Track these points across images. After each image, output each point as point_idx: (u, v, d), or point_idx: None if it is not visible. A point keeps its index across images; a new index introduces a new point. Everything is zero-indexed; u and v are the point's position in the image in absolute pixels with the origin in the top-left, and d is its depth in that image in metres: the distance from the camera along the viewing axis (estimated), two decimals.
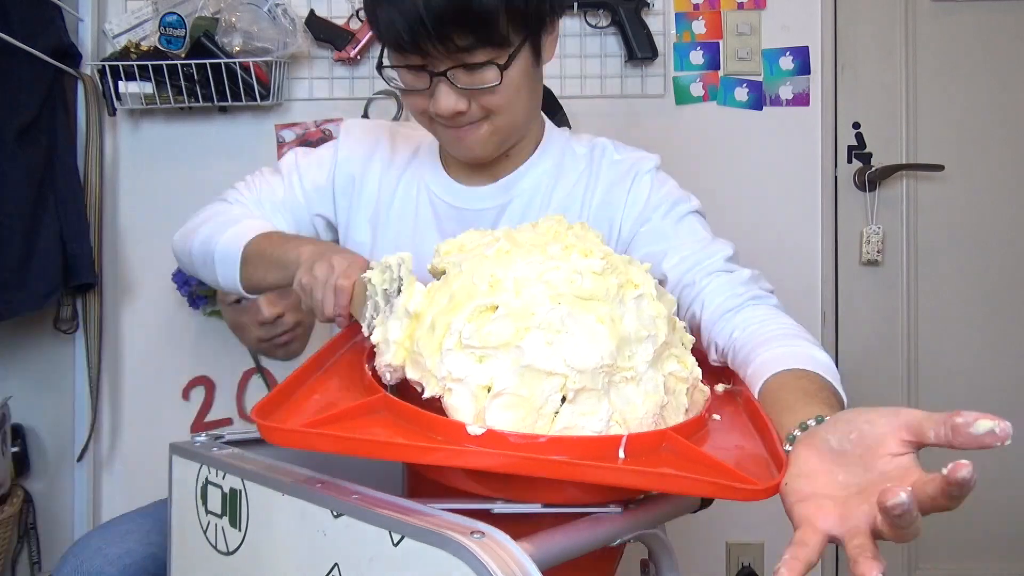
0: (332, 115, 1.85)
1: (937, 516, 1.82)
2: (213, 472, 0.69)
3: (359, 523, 0.56)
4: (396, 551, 0.53)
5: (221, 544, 0.68)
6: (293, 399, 0.67)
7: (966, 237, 1.93)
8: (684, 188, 1.06)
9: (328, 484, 0.61)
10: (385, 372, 0.70)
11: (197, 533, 0.70)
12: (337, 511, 0.58)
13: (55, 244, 1.68)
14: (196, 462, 0.72)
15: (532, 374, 0.61)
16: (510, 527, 0.52)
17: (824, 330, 1.87)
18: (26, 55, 1.60)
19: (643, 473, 0.58)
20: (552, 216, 0.83)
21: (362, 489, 0.60)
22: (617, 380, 0.63)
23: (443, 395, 0.63)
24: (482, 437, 0.58)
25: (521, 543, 0.51)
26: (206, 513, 0.70)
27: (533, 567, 0.49)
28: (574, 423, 0.61)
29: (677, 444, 0.62)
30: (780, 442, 0.62)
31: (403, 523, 0.53)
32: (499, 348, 0.61)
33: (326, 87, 1.85)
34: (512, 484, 0.61)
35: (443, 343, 0.63)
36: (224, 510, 0.68)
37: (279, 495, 0.63)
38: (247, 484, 0.66)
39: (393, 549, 0.53)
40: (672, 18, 1.86)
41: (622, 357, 0.64)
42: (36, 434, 1.78)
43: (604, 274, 0.65)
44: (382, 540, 0.54)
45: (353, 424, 0.62)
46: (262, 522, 0.65)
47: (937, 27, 1.91)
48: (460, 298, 0.65)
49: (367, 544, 0.55)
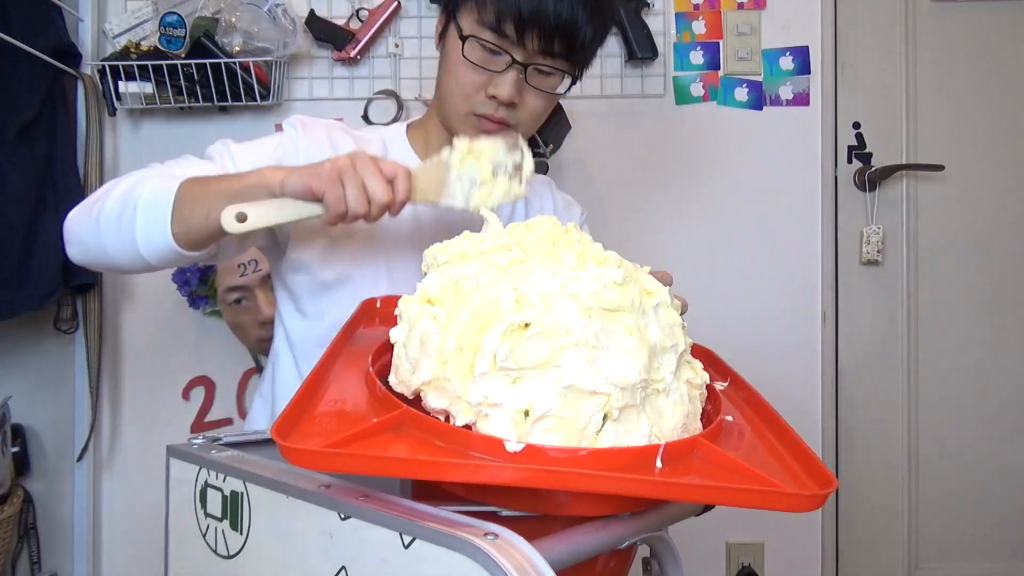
0: (332, 115, 1.85)
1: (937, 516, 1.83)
2: (213, 475, 0.68)
3: (368, 525, 0.55)
4: (407, 553, 0.52)
5: (221, 548, 0.68)
6: (309, 415, 0.64)
7: (966, 237, 1.93)
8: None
9: (335, 487, 0.61)
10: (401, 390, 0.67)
11: (196, 537, 0.70)
12: (345, 513, 0.57)
13: (55, 244, 1.66)
14: (195, 464, 0.71)
15: (574, 394, 0.58)
16: (519, 530, 0.52)
17: (824, 330, 1.87)
18: (26, 55, 1.60)
19: (685, 486, 0.58)
20: (544, 217, 0.81)
21: (370, 491, 0.59)
22: (649, 393, 0.62)
23: (477, 421, 0.60)
24: (522, 453, 0.56)
25: (535, 544, 0.51)
26: (205, 516, 0.69)
27: (548, 568, 0.49)
28: (618, 441, 0.59)
29: (709, 451, 0.61)
30: (806, 445, 0.62)
31: (414, 525, 0.52)
32: (536, 368, 0.59)
33: (326, 87, 1.85)
34: (541, 496, 0.60)
35: (475, 366, 0.60)
36: (224, 513, 0.67)
37: (283, 497, 0.62)
38: (249, 487, 0.65)
39: (404, 551, 0.53)
40: (672, 18, 1.86)
41: (653, 369, 0.62)
42: (36, 434, 1.77)
43: (625, 284, 0.63)
44: (393, 542, 0.53)
45: (378, 441, 0.59)
46: (265, 525, 0.64)
47: (937, 27, 1.91)
48: (485, 315, 0.61)
49: (377, 547, 0.54)
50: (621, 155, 1.86)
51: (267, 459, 0.69)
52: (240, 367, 1.87)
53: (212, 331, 1.86)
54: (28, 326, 1.75)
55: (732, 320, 1.86)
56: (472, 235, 0.75)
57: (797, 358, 1.87)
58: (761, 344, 1.85)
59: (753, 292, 1.86)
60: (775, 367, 1.86)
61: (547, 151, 1.73)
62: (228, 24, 1.70)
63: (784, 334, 1.87)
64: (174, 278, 1.81)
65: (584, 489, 0.56)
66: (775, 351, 1.86)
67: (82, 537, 1.83)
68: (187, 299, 1.82)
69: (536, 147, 1.70)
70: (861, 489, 1.93)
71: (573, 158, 1.86)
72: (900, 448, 1.94)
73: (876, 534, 1.93)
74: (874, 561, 1.93)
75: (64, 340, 1.81)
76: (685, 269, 1.85)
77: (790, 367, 1.87)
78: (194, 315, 1.86)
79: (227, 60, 1.68)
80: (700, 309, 1.83)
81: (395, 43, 1.83)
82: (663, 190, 1.85)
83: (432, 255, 0.73)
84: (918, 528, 1.94)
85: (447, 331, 0.63)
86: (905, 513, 1.94)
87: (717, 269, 1.85)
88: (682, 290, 1.99)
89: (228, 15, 1.70)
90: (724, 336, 1.85)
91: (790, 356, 1.87)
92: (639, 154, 1.86)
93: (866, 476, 1.93)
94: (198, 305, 1.83)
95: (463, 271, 0.68)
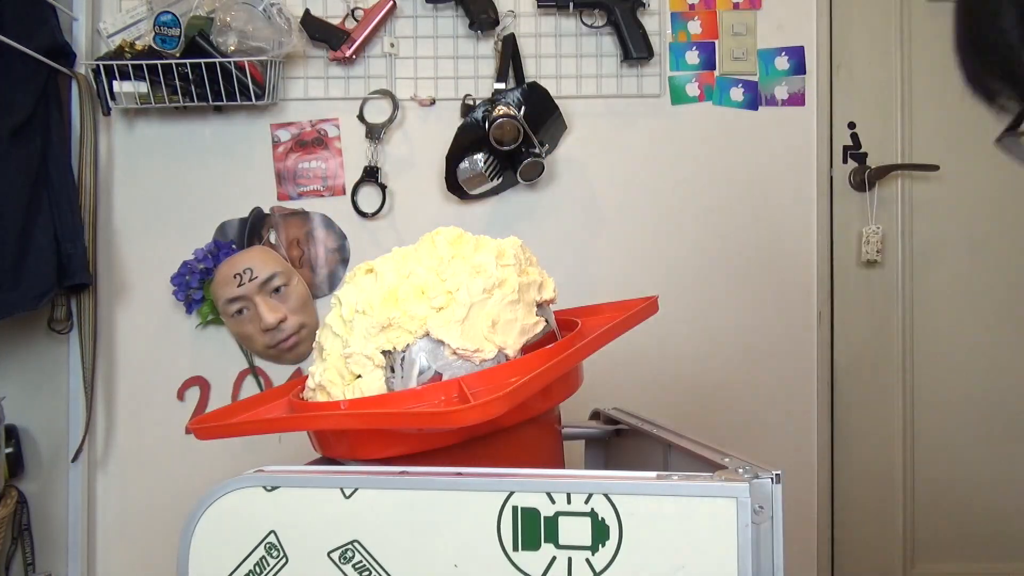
0: (328, 115, 1.85)
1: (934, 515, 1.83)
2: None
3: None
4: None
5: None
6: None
7: (961, 237, 1.93)
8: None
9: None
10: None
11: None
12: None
13: (49, 244, 1.67)
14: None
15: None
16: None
17: (820, 330, 1.88)
18: (20, 54, 1.59)
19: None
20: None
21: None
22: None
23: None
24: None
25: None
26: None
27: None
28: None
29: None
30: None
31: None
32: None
33: (321, 87, 1.85)
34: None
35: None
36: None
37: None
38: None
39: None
40: (668, 18, 1.86)
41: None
42: (30, 435, 1.77)
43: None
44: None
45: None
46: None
47: (932, 27, 1.92)
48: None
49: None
50: (617, 155, 1.86)
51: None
52: (235, 368, 1.86)
53: (207, 331, 1.86)
54: (22, 326, 1.75)
55: (727, 320, 1.86)
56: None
57: (792, 358, 1.87)
58: (757, 344, 1.85)
59: (748, 292, 1.86)
60: (771, 367, 1.86)
61: (543, 151, 1.73)
62: (223, 23, 1.70)
63: (779, 334, 1.87)
64: (173, 280, 1.81)
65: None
66: (770, 351, 1.86)
67: (76, 538, 1.83)
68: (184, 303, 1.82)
69: (532, 147, 1.70)
70: (857, 489, 1.93)
71: (569, 158, 1.86)
72: (896, 448, 1.94)
73: (872, 534, 1.94)
74: (870, 561, 1.93)
75: (58, 340, 1.81)
76: (681, 269, 1.85)
77: (786, 367, 1.87)
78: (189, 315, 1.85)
79: (222, 60, 1.68)
80: (696, 309, 1.84)
81: (390, 43, 1.83)
82: (659, 190, 1.85)
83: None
84: (914, 528, 1.94)
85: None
86: (901, 513, 1.94)
87: (712, 269, 1.85)
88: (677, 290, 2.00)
89: (223, 14, 1.70)
90: (720, 336, 1.86)
91: (785, 356, 1.87)
92: (635, 154, 1.86)
93: (862, 476, 1.93)
94: (191, 310, 1.83)
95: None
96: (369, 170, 1.83)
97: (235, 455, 1.72)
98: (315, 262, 1.84)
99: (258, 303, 1.72)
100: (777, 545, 0.61)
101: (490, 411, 0.66)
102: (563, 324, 0.92)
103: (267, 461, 0.72)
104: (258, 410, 0.91)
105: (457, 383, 0.75)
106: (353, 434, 0.79)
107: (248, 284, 1.71)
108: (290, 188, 1.86)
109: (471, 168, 1.72)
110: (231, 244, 1.81)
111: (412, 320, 0.78)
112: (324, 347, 0.84)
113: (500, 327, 0.79)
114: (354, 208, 1.85)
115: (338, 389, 0.80)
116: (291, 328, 1.75)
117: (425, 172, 1.85)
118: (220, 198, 1.86)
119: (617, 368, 1.79)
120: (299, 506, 0.66)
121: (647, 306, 0.90)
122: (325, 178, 1.85)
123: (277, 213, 1.85)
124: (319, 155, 1.85)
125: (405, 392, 0.77)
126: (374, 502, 0.65)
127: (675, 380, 1.85)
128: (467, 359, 0.77)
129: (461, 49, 1.84)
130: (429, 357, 0.78)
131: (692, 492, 0.61)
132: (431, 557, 0.63)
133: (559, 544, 0.62)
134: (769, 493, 0.61)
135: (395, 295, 0.79)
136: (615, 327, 0.83)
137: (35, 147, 1.66)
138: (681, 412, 1.84)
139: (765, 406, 1.87)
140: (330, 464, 0.81)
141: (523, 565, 0.62)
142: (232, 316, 1.75)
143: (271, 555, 0.66)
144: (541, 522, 0.62)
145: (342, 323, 0.82)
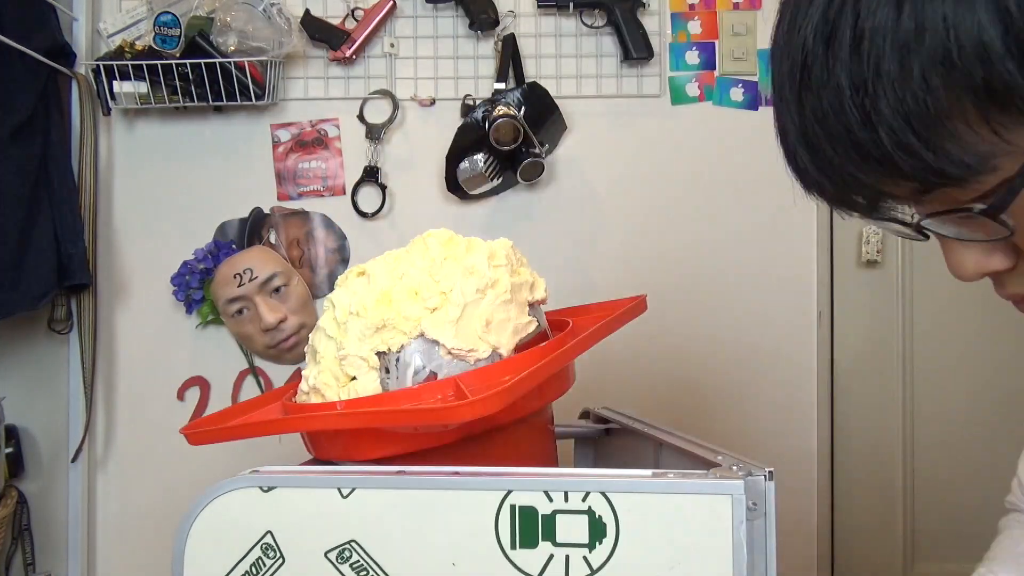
0: (328, 115, 1.85)
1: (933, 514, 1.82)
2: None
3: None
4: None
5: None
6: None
7: None
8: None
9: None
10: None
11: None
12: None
13: (49, 244, 1.67)
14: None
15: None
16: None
17: (820, 329, 1.87)
18: (20, 54, 1.60)
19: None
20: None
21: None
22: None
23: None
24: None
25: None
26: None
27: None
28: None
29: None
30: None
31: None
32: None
33: (321, 87, 1.85)
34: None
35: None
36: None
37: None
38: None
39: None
40: (668, 18, 1.86)
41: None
42: (30, 435, 1.77)
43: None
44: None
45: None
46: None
47: None
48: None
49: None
50: (617, 155, 1.86)
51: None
52: (235, 368, 1.87)
53: (207, 331, 1.86)
54: (22, 327, 1.74)
55: (728, 319, 1.85)
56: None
57: (792, 357, 1.87)
58: (756, 343, 1.85)
59: (748, 291, 1.86)
60: (770, 366, 1.86)
61: (543, 151, 1.73)
62: (223, 23, 1.70)
63: (779, 333, 1.87)
64: (173, 280, 1.81)
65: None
66: (770, 350, 1.86)
67: (76, 538, 1.83)
68: (184, 303, 1.82)
69: (532, 147, 1.71)
70: (857, 489, 1.93)
71: (569, 158, 1.86)
72: (896, 448, 1.94)
73: (872, 534, 1.93)
74: (870, 561, 1.93)
75: (58, 341, 1.81)
76: (681, 268, 1.85)
77: (785, 366, 1.87)
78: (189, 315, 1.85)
79: (222, 60, 1.68)
80: (696, 308, 1.84)
81: (390, 43, 1.83)
82: (659, 190, 1.85)
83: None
84: (914, 528, 1.94)
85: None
86: (901, 513, 1.94)
87: (712, 268, 1.85)
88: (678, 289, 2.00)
89: (223, 14, 1.70)
90: (720, 335, 1.86)
91: (785, 355, 1.87)
92: (635, 154, 1.86)
93: (862, 476, 1.93)
94: (191, 310, 1.83)
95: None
96: (369, 170, 1.83)
97: (236, 455, 1.71)
98: (315, 262, 1.85)
99: (258, 303, 1.72)
100: (771, 541, 0.61)
101: (487, 407, 0.67)
102: (554, 324, 0.93)
103: (268, 461, 0.72)
104: (252, 414, 0.91)
105: (454, 381, 0.75)
106: (348, 434, 0.79)
107: (248, 284, 1.71)
108: (290, 188, 1.86)
109: (471, 168, 1.72)
110: (231, 244, 1.82)
111: (406, 321, 0.78)
112: (318, 350, 0.84)
113: (494, 327, 0.79)
114: (354, 208, 1.85)
115: (333, 391, 0.81)
116: (291, 328, 1.75)
117: (425, 172, 1.85)
118: (220, 198, 1.86)
119: (616, 369, 1.79)
120: (296, 506, 0.66)
121: (635, 305, 0.90)
122: (325, 178, 1.86)
123: (277, 213, 1.85)
124: (319, 155, 1.86)
125: (402, 391, 0.77)
126: (371, 502, 0.65)
127: (675, 380, 1.85)
128: (462, 359, 0.78)
129: (461, 49, 1.85)
130: (424, 357, 0.78)
131: (688, 489, 0.61)
132: (429, 556, 0.64)
133: (556, 542, 0.62)
134: (763, 490, 0.62)
135: (389, 297, 0.80)
136: (604, 326, 0.84)
137: (35, 147, 1.66)
138: (681, 412, 1.84)
139: (765, 406, 1.86)
140: (325, 465, 0.82)
141: (521, 563, 0.62)
142: (232, 316, 1.76)
143: (267, 556, 0.66)
144: (539, 520, 0.63)
145: (336, 325, 0.82)
